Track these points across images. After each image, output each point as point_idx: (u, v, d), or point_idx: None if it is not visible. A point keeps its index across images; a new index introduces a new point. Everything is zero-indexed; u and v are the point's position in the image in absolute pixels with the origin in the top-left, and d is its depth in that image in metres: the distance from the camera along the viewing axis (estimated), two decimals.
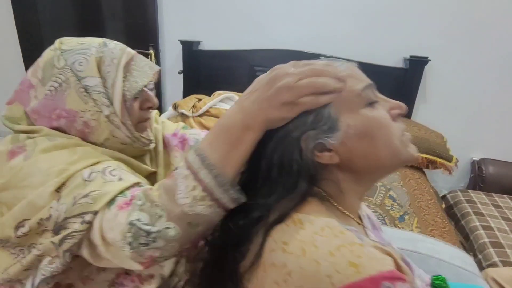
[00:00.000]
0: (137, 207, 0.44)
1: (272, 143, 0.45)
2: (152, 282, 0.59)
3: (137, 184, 0.50)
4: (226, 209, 0.44)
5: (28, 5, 2.31)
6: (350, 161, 0.45)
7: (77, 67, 0.54)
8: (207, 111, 1.94)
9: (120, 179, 0.50)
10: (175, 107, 2.02)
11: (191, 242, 0.47)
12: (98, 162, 0.52)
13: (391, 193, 1.42)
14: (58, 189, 0.48)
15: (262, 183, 0.46)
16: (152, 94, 0.63)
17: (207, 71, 2.24)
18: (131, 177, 0.52)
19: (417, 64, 1.88)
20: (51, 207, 0.47)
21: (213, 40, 2.21)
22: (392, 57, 1.95)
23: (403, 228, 1.18)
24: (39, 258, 0.49)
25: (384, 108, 0.47)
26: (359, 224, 0.51)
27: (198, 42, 2.21)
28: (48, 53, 0.55)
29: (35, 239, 0.50)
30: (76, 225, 0.46)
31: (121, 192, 0.48)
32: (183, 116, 1.97)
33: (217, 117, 1.93)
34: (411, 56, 1.88)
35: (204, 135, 0.74)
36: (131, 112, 0.59)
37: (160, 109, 2.39)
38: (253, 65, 2.09)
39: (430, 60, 1.83)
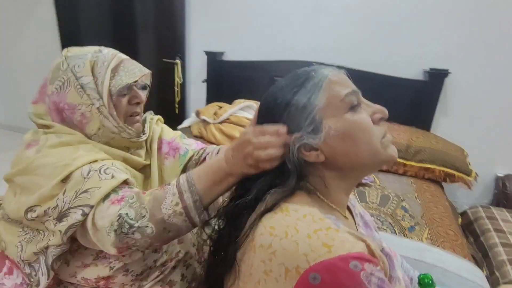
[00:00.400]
0: (128, 204, 0.55)
1: None
2: (133, 254, 0.67)
3: (125, 181, 0.62)
4: (195, 226, 0.57)
5: (72, 19, 2.55)
6: (334, 159, 0.51)
7: (76, 68, 0.65)
8: (228, 118, 2.03)
9: (113, 176, 0.60)
10: (198, 113, 2.12)
11: (161, 243, 0.60)
12: (96, 161, 0.62)
13: (404, 204, 1.42)
14: (64, 180, 0.59)
15: (259, 175, 0.53)
16: (139, 91, 0.73)
17: (229, 80, 2.34)
18: (122, 175, 0.62)
19: (437, 77, 1.87)
20: (58, 199, 0.58)
21: (235, 51, 2.32)
22: (411, 69, 1.95)
23: (412, 238, 1.18)
24: (47, 245, 0.60)
25: (367, 113, 0.52)
26: (345, 217, 0.55)
27: (222, 53, 2.32)
28: (57, 60, 0.68)
29: (40, 226, 0.61)
30: (77, 216, 0.57)
31: (113, 190, 0.58)
32: (205, 123, 2.07)
33: (237, 124, 2.01)
34: (431, 69, 1.87)
35: (195, 146, 0.84)
36: (118, 106, 0.69)
37: (184, 115, 2.52)
38: (273, 76, 2.16)
39: (450, 73, 1.82)
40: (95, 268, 0.65)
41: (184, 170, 0.81)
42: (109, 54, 0.69)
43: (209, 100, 2.38)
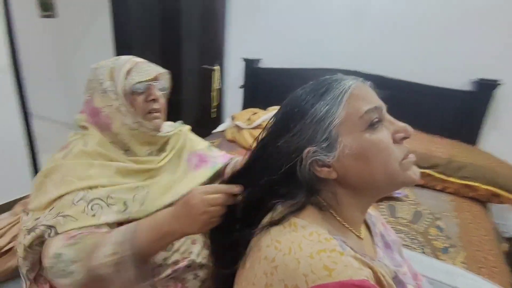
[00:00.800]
0: (72, 245, 0.57)
1: (278, 155, 0.50)
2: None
3: (97, 226, 0.63)
4: (126, 281, 0.57)
5: (125, 30, 2.77)
6: (346, 177, 0.48)
7: (99, 76, 0.75)
8: (260, 124, 2.06)
9: (93, 215, 0.63)
10: (232, 118, 2.19)
11: None
12: (96, 187, 0.66)
13: (439, 222, 1.33)
14: (55, 200, 0.64)
15: (271, 186, 0.52)
16: (155, 89, 0.77)
17: (265, 87, 2.38)
18: (104, 217, 0.64)
19: (486, 87, 1.72)
20: (43, 213, 0.62)
21: (273, 59, 2.35)
22: (458, 79, 1.83)
23: (444, 260, 1.11)
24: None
25: (389, 131, 0.49)
26: (358, 237, 0.53)
27: (259, 60, 2.37)
28: (89, 73, 0.77)
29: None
30: (42, 227, 0.60)
31: (82, 228, 0.61)
32: (238, 128, 2.13)
33: None
34: (479, 79, 1.74)
35: (222, 159, 0.87)
36: (135, 103, 0.75)
37: (220, 120, 2.60)
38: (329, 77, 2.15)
39: (501, 84, 1.67)
40: None
41: (211, 182, 0.85)
42: (125, 60, 0.77)
43: (245, 106, 2.44)
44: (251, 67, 2.35)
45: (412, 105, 1.98)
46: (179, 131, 0.89)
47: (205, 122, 2.66)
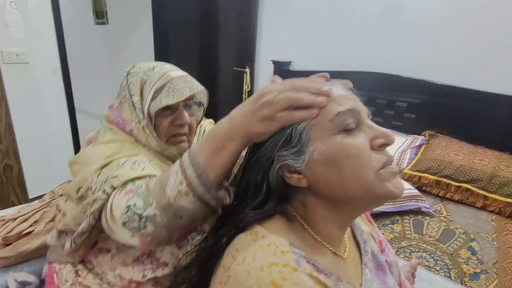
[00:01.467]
0: (136, 194, 0.51)
1: (252, 160, 0.47)
2: (166, 269, 0.68)
3: (153, 176, 0.58)
4: (210, 207, 0.48)
5: (164, 32, 2.92)
6: (318, 186, 0.44)
7: (131, 86, 0.69)
8: None
9: (143, 169, 0.59)
10: None
11: (178, 232, 0.53)
12: (135, 155, 0.65)
13: (473, 244, 1.18)
14: (102, 167, 0.61)
15: (241, 195, 0.48)
16: (183, 111, 0.71)
17: None
18: (152, 170, 0.60)
19: None
20: (92, 180, 0.61)
21: (303, 61, 2.30)
22: (508, 83, 1.62)
23: (471, 287, 0.98)
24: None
25: (367, 136, 0.44)
26: (334, 253, 0.48)
27: (289, 63, 2.33)
28: (124, 75, 0.74)
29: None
30: (99, 193, 0.57)
31: (132, 180, 0.56)
32: None
33: None
34: None
35: None
36: (159, 126, 0.69)
37: None
38: None
39: None
40: (132, 270, 0.67)
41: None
42: (158, 74, 0.68)
43: None
44: (281, 70, 2.33)
45: (454, 111, 1.81)
46: (199, 130, 0.84)
47: None
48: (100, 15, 3.71)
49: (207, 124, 0.89)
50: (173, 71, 0.71)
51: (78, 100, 2.26)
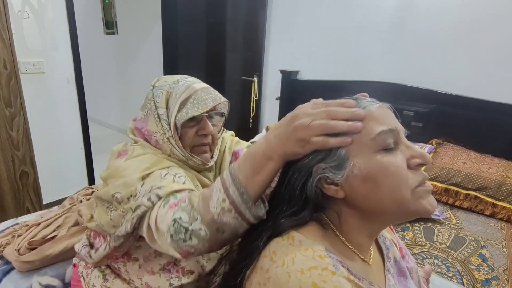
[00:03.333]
0: (181, 208, 0.55)
1: (291, 172, 0.49)
2: (191, 276, 0.71)
3: (190, 189, 0.62)
4: (249, 223, 0.51)
5: (173, 43, 2.99)
6: (354, 199, 0.47)
7: (156, 99, 0.72)
8: None
9: (184, 182, 0.64)
10: (267, 129, 2.22)
11: (219, 245, 0.55)
12: (171, 167, 0.68)
13: (483, 251, 1.20)
14: (143, 178, 0.64)
15: (279, 203, 0.51)
16: (207, 122, 0.74)
17: (302, 98, 2.35)
18: (191, 185, 0.65)
19: None
20: (136, 189, 0.63)
21: (311, 71, 2.35)
22: None
23: None
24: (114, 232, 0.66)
25: (404, 156, 0.46)
26: (364, 260, 0.51)
27: (297, 72, 2.38)
28: (149, 89, 0.77)
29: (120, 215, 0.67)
30: (145, 201, 0.60)
31: (173, 194, 0.60)
32: None
33: None
34: None
35: None
36: (184, 136, 0.72)
37: (257, 130, 2.65)
38: (346, 95, 2.11)
39: None
40: (159, 279, 0.71)
41: None
42: (184, 86, 0.72)
43: (281, 117, 2.44)
44: (288, 79, 2.37)
45: (461, 120, 1.84)
46: (222, 140, 0.87)
47: (243, 132, 2.73)
48: (110, 25, 3.80)
49: (229, 136, 0.91)
50: (197, 83, 0.75)
51: (87, 109, 2.32)
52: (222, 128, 0.86)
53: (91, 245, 0.78)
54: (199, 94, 0.72)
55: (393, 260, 0.59)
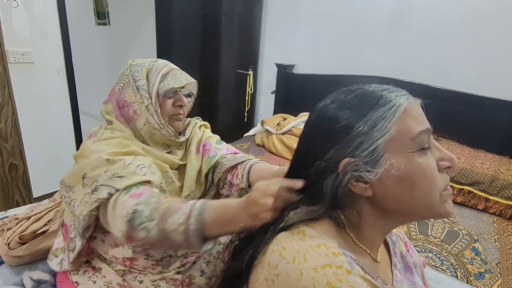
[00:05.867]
0: (147, 203, 0.61)
1: (318, 162, 0.46)
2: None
3: (149, 182, 0.68)
4: (191, 248, 0.62)
5: (167, 35, 2.94)
6: (383, 199, 0.44)
7: (135, 74, 0.79)
8: (290, 130, 2.05)
9: (144, 174, 0.68)
10: (262, 123, 2.20)
11: (162, 249, 0.69)
12: (136, 157, 0.72)
13: (476, 245, 1.21)
14: (108, 161, 0.68)
15: (301, 192, 0.50)
16: (182, 96, 0.82)
17: (298, 92, 2.36)
18: (152, 176, 0.70)
19: None
20: (100, 174, 0.67)
21: (306, 65, 2.33)
22: (509, 89, 1.67)
23: (477, 286, 1.01)
24: (79, 215, 0.69)
25: (434, 157, 0.45)
26: (373, 259, 0.49)
27: (292, 66, 2.36)
28: (124, 68, 0.82)
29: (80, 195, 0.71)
30: (104, 193, 0.64)
31: (136, 185, 0.65)
32: (268, 133, 2.13)
33: (298, 136, 2.01)
34: None
35: (224, 152, 0.88)
36: (163, 106, 0.79)
37: (252, 124, 2.63)
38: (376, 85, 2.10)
39: None
40: (122, 249, 0.74)
41: (212, 172, 0.87)
42: (162, 63, 0.82)
43: (276, 111, 2.44)
44: (284, 73, 2.35)
45: (455, 115, 1.84)
46: (194, 124, 0.93)
47: (238, 125, 2.71)
48: (101, 16, 3.71)
49: (200, 126, 0.96)
50: (172, 64, 0.85)
51: (79, 101, 2.26)
52: (192, 104, 0.91)
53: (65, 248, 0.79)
54: (175, 72, 0.82)
55: (399, 255, 0.58)
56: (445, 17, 1.80)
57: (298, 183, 0.50)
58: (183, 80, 0.81)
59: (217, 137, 0.95)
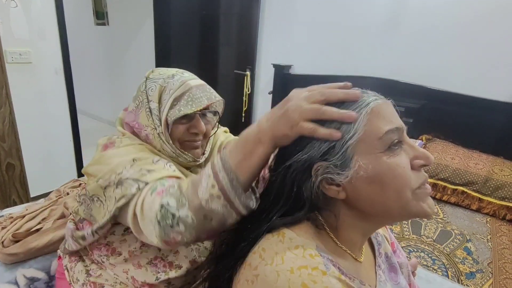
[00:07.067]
0: (169, 193, 0.52)
1: (288, 165, 0.46)
2: (179, 271, 0.70)
3: (178, 178, 0.61)
4: (238, 212, 0.48)
5: (165, 35, 2.95)
6: (356, 200, 0.45)
7: (149, 92, 0.70)
8: None
9: (174, 170, 0.63)
10: None
11: (206, 234, 0.52)
12: (161, 158, 0.67)
13: (469, 245, 1.22)
14: (134, 160, 0.62)
15: (273, 199, 0.48)
16: (200, 121, 0.72)
17: None
18: (180, 174, 0.64)
19: None
20: (125, 168, 0.61)
21: (304, 65, 2.34)
22: (504, 90, 1.68)
23: (468, 286, 1.01)
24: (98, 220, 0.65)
25: (408, 155, 0.44)
26: (355, 259, 0.49)
27: (289, 66, 2.37)
28: (142, 79, 0.75)
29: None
30: (132, 188, 0.57)
31: (161, 182, 0.57)
32: None
33: None
34: None
35: None
36: (175, 133, 0.70)
37: (249, 124, 2.64)
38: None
39: None
40: (145, 272, 0.70)
41: None
42: (179, 81, 0.70)
43: None
44: (281, 73, 2.36)
45: (451, 116, 1.86)
46: (214, 138, 0.85)
47: (236, 126, 2.71)
48: (100, 16, 3.72)
49: (221, 133, 0.89)
50: (192, 80, 0.72)
51: (77, 101, 2.27)
52: (216, 124, 0.83)
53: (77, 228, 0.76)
54: (194, 92, 0.69)
55: (384, 256, 0.58)
56: (441, 19, 1.81)
57: (346, 85, 0.47)
58: (204, 101, 0.69)
59: (237, 138, 0.90)
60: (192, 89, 0.69)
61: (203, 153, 0.78)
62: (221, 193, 0.47)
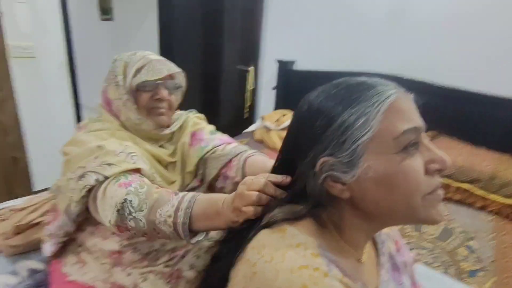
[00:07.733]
0: (136, 192, 0.61)
1: (291, 160, 0.47)
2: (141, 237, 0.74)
3: (139, 170, 0.68)
4: (183, 240, 0.59)
5: (169, 31, 2.94)
6: (361, 201, 0.43)
7: (116, 70, 0.79)
8: None
9: (134, 163, 0.68)
10: (262, 119, 2.20)
11: (151, 239, 0.68)
12: (127, 145, 0.72)
13: (471, 243, 1.20)
14: (99, 147, 0.68)
15: (288, 188, 0.49)
16: (162, 88, 0.79)
17: (298, 89, 2.33)
18: (141, 164, 0.70)
19: None
20: (88, 160, 0.67)
21: (308, 61, 2.32)
22: (510, 87, 1.64)
23: (470, 284, 1.00)
24: (69, 203, 0.69)
25: (423, 158, 0.41)
26: (358, 260, 0.48)
27: (293, 62, 2.35)
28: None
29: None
30: (91, 180, 0.64)
31: (124, 175, 0.65)
32: (267, 129, 2.13)
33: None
34: None
35: (217, 142, 0.87)
36: (139, 100, 0.78)
37: (252, 120, 2.63)
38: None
39: None
40: (110, 242, 0.75)
41: (204, 162, 0.86)
42: (139, 56, 0.79)
43: (277, 107, 2.44)
44: (285, 69, 2.34)
45: (455, 112, 1.82)
46: (186, 117, 0.91)
47: (238, 122, 2.71)
48: (105, 11, 3.73)
49: (193, 117, 0.94)
50: (152, 55, 0.81)
51: (82, 95, 2.29)
52: (181, 100, 0.88)
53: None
54: (154, 63, 0.78)
55: (387, 255, 0.57)
56: (444, 14, 1.77)
57: (284, 179, 0.49)
58: (164, 72, 0.77)
59: (211, 127, 0.94)
60: (152, 62, 0.78)
61: (168, 126, 0.85)
62: (172, 225, 0.57)
